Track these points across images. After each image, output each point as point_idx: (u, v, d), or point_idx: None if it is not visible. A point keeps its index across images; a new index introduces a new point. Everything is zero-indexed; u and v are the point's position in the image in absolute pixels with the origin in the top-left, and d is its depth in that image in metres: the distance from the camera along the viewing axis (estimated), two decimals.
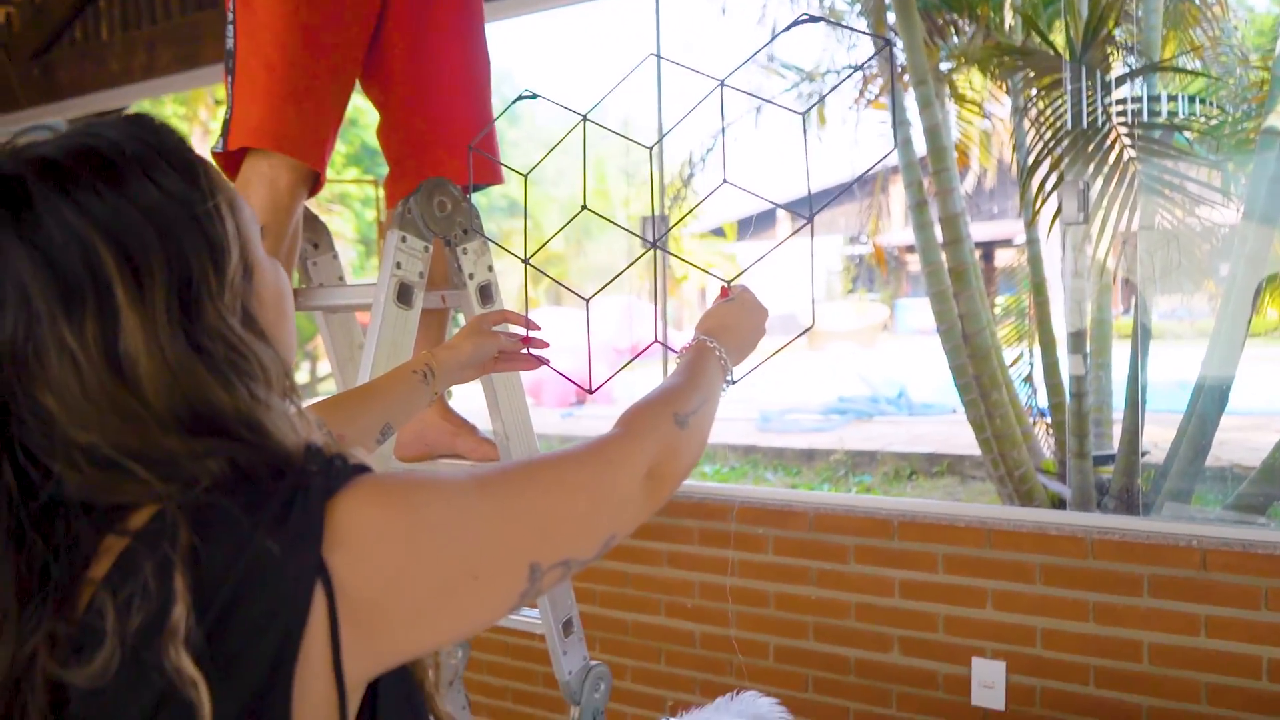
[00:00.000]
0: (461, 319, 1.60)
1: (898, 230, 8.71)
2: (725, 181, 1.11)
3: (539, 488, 0.69)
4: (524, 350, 1.25)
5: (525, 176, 1.28)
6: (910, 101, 4.11)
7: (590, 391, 1.21)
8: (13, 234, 0.59)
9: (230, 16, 1.52)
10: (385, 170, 1.77)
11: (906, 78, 4.12)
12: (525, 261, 1.25)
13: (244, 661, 0.56)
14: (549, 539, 0.68)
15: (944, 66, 4.53)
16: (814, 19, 1.06)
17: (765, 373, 1.15)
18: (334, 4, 1.52)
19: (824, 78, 5.42)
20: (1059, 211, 2.88)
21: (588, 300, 1.19)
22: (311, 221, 1.70)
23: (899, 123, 4.05)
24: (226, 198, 0.65)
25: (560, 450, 0.74)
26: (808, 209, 1.00)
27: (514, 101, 1.29)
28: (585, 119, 1.18)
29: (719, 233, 12.04)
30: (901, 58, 3.65)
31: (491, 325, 1.24)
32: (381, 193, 1.81)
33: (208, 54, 3.78)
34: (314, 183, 1.58)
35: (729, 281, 1.07)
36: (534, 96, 1.27)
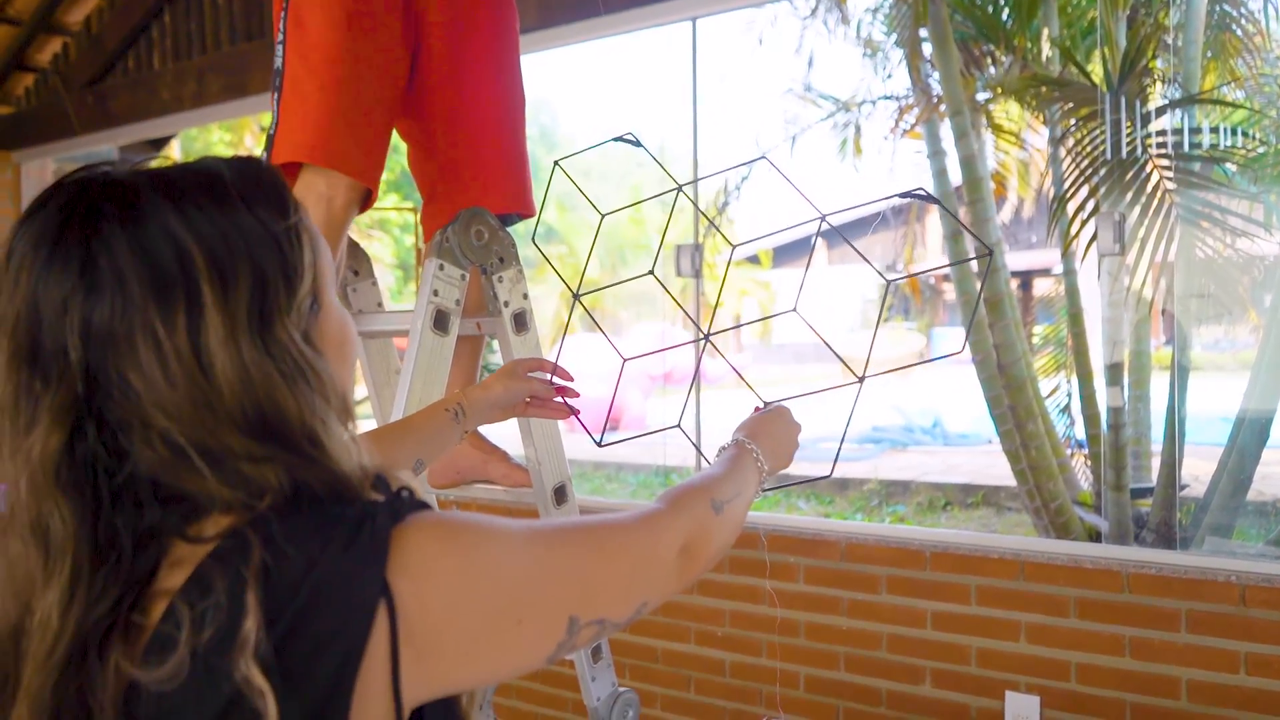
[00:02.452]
0: (497, 345, 1.63)
1: (934, 259, 8.67)
2: (794, 310, 1.14)
3: (586, 546, 0.74)
4: (556, 398, 1.28)
5: (603, 216, 1.31)
6: (946, 131, 4.12)
7: (599, 445, 1.24)
8: (118, 227, 0.64)
9: (281, 37, 1.57)
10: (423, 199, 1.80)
11: (943, 108, 4.13)
12: (576, 297, 1.27)
13: (309, 674, 0.59)
14: (589, 595, 0.72)
15: (981, 97, 4.53)
16: (927, 196, 1.09)
17: (800, 402, 1.18)
18: (384, 29, 1.57)
19: (859, 108, 5.43)
20: (1092, 241, 2.87)
21: (625, 360, 1.22)
22: (353, 249, 1.74)
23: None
24: (310, 236, 0.71)
25: (609, 515, 0.78)
26: (861, 373, 1.04)
27: (613, 140, 1.32)
28: (680, 190, 1.20)
29: (754, 260, 12.06)
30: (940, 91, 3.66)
31: (527, 371, 1.27)
32: (420, 218, 1.84)
33: (255, 83, 3.88)
34: (364, 201, 1.62)
35: (767, 404, 1.12)
36: (636, 143, 1.29)
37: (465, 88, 1.69)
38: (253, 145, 10.74)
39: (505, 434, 1.71)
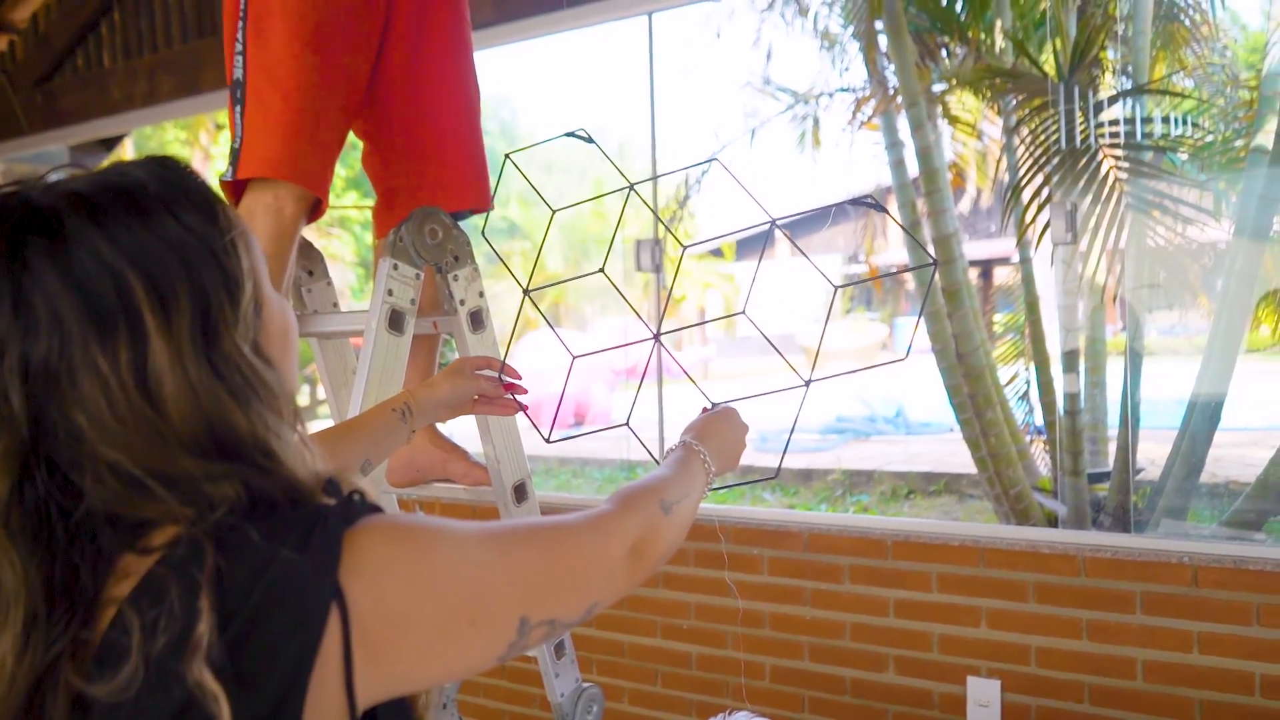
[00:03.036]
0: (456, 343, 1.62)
1: (895, 249, 8.74)
2: (743, 313, 1.15)
3: (537, 547, 0.74)
4: (504, 395, 1.28)
5: (555, 212, 1.31)
6: (903, 122, 4.15)
7: (548, 441, 1.25)
8: (47, 261, 0.61)
9: (240, 47, 1.54)
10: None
11: (899, 99, 4.16)
12: (526, 292, 1.27)
13: (262, 677, 0.59)
14: (540, 596, 0.72)
15: (936, 88, 4.57)
16: (875, 205, 1.10)
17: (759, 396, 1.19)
18: (345, 38, 1.55)
19: (818, 100, 5.46)
20: (1045, 229, 2.91)
21: (574, 358, 1.22)
22: (306, 249, 1.73)
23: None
24: (242, 236, 0.69)
25: (559, 516, 0.79)
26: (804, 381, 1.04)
27: (566, 135, 1.32)
28: (632, 188, 1.20)
29: (717, 253, 12.08)
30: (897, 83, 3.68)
31: (474, 369, 1.28)
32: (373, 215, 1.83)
33: (208, 81, 3.82)
34: (314, 210, 1.61)
35: (714, 405, 1.14)
36: (589, 139, 1.29)
37: (422, 86, 1.68)
38: (208, 143, 10.59)
39: (464, 431, 1.71)
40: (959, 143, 5.08)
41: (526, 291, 1.23)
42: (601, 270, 1.24)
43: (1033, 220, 3.31)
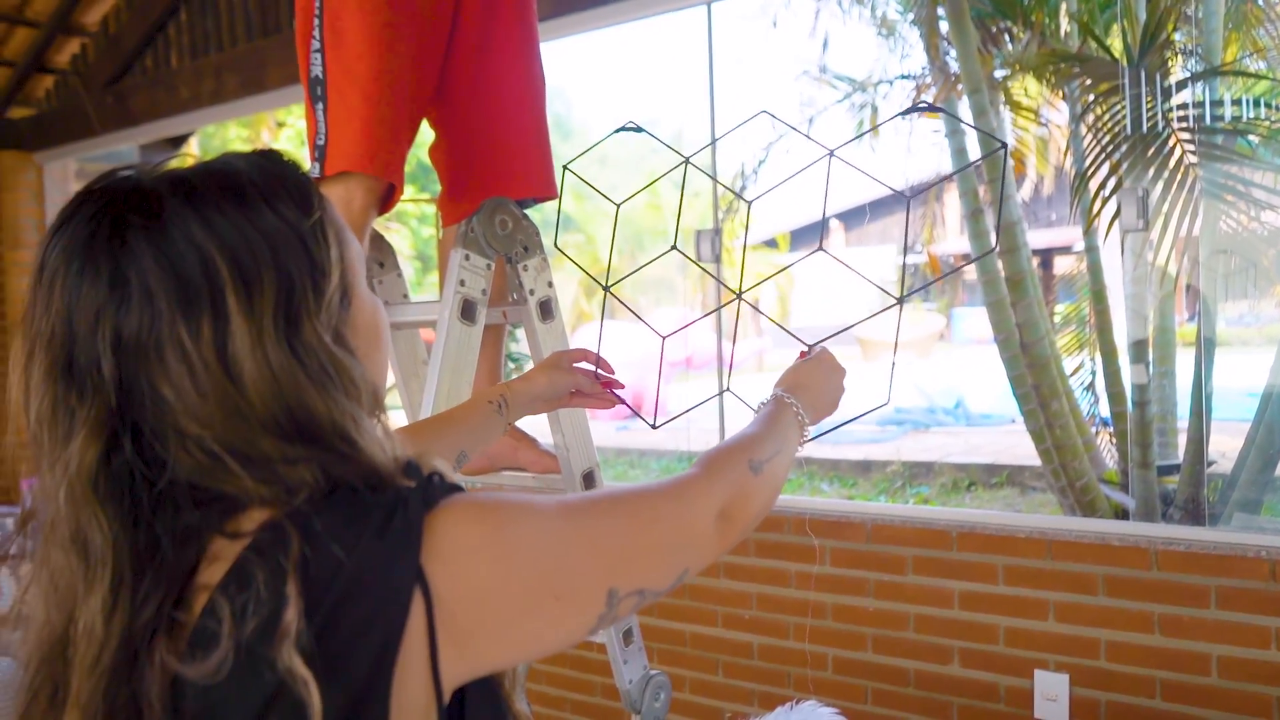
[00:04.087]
0: (520, 334, 1.64)
1: (953, 239, 8.61)
2: (821, 249, 1.14)
3: (620, 517, 0.74)
4: (600, 390, 1.28)
5: (619, 206, 1.32)
6: (964, 109, 4.09)
7: (654, 426, 1.24)
8: (143, 239, 0.64)
9: (317, 44, 1.57)
10: (440, 188, 1.82)
11: (960, 86, 4.10)
12: (606, 289, 1.28)
13: (348, 662, 0.60)
14: (627, 566, 0.72)
15: (999, 74, 4.49)
16: (931, 107, 1.09)
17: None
18: (416, 30, 1.57)
19: (876, 88, 5.40)
20: (1115, 217, 2.85)
21: (664, 338, 1.22)
22: (377, 241, 1.76)
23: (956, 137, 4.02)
24: (335, 230, 0.71)
25: (642, 484, 0.78)
26: (899, 292, 1.04)
27: (616, 131, 1.33)
28: (688, 161, 1.21)
29: (771, 244, 12.01)
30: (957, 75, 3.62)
31: (571, 363, 1.27)
32: (437, 210, 1.85)
33: (272, 79, 3.90)
34: (384, 201, 1.63)
35: (811, 346, 1.11)
36: (639, 130, 1.30)
37: (489, 76, 1.70)
38: (269, 140, 10.79)
39: (534, 421, 1.73)
40: (1019, 129, 4.99)
41: (606, 289, 1.24)
42: (674, 247, 1.25)
43: (1101, 209, 3.24)
